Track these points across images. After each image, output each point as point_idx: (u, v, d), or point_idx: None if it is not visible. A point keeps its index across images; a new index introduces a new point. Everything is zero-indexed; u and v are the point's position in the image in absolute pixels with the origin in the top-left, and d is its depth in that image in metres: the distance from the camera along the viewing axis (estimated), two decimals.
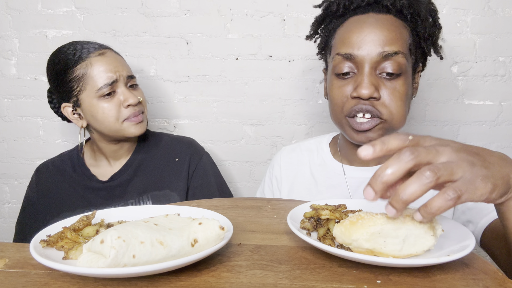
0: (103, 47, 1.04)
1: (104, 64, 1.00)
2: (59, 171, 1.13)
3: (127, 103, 1.02)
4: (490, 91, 1.30)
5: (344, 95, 0.80)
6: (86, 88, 1.00)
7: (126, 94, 1.02)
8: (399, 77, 0.77)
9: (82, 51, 1.01)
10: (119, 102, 1.02)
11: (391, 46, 0.75)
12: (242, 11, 1.30)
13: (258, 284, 0.47)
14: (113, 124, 1.02)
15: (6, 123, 1.43)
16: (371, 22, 0.78)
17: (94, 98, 1.00)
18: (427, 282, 0.48)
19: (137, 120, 1.04)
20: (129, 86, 1.05)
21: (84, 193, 1.10)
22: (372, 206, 0.70)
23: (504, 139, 1.33)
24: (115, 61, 1.03)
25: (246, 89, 1.35)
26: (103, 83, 0.99)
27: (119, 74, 1.02)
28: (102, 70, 1.00)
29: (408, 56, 0.78)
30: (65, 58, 1.00)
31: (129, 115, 1.03)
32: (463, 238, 0.55)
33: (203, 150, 1.20)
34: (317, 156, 0.98)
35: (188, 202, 0.81)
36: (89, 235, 0.56)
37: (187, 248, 0.49)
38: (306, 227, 0.61)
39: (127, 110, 1.03)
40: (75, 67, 0.99)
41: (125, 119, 1.03)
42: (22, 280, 0.48)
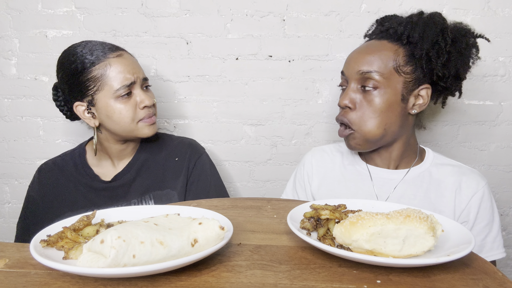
0: (119, 49, 1.05)
1: (123, 65, 1.02)
2: (62, 171, 1.13)
3: (143, 105, 1.04)
4: (490, 91, 1.30)
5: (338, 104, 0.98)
6: (103, 88, 1.01)
7: (142, 96, 1.04)
8: (374, 90, 0.91)
9: (100, 51, 1.02)
10: (135, 103, 1.04)
11: (367, 66, 0.91)
12: (242, 11, 1.30)
13: (258, 284, 0.47)
14: (128, 124, 1.04)
15: (6, 123, 1.43)
16: (364, 46, 0.97)
17: (111, 98, 1.01)
18: (427, 282, 0.48)
19: (151, 121, 1.07)
20: (144, 88, 1.07)
21: (86, 193, 1.10)
22: (372, 206, 0.70)
23: (504, 139, 1.33)
24: (132, 63, 1.04)
25: (246, 89, 1.35)
26: (121, 85, 1.01)
27: (136, 76, 1.03)
28: (121, 71, 1.01)
29: (389, 75, 0.91)
30: (82, 57, 1.01)
31: (144, 116, 1.05)
32: (463, 238, 0.55)
33: (203, 150, 1.21)
34: (346, 157, 1.09)
35: (188, 202, 0.81)
36: (89, 235, 0.56)
37: (187, 248, 0.49)
38: (306, 227, 0.61)
39: (142, 111, 1.05)
40: (93, 67, 1.00)
41: (140, 119, 1.05)
42: (22, 280, 0.48)
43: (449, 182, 0.95)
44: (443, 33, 0.91)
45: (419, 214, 0.51)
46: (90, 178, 1.11)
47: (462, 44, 0.92)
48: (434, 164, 1.00)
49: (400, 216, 0.50)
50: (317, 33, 1.29)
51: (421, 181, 0.97)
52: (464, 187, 0.94)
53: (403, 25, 0.93)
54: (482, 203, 0.92)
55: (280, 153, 1.39)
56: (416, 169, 1.00)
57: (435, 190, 0.95)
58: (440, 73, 0.92)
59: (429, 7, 0.93)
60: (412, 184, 0.97)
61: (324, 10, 1.28)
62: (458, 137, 1.34)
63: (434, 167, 0.99)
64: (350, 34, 1.29)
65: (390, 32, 0.95)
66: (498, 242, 0.93)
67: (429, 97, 0.94)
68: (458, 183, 0.94)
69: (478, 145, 1.34)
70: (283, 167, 1.40)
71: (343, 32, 1.29)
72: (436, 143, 1.35)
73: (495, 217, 0.94)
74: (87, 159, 1.15)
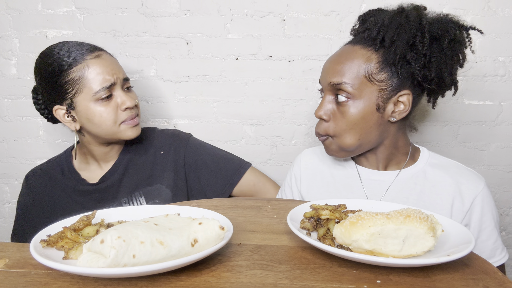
0: (97, 49, 1.02)
1: (101, 66, 0.98)
2: (49, 177, 1.12)
3: (125, 106, 1.01)
4: (490, 91, 1.30)
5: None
6: (82, 91, 0.98)
7: (123, 97, 1.01)
8: (346, 102, 0.87)
9: (77, 53, 0.98)
10: (116, 105, 1.01)
11: (337, 77, 0.87)
12: (242, 11, 1.30)
13: (258, 284, 0.47)
14: (110, 127, 1.01)
15: (6, 123, 1.43)
16: (336, 54, 0.92)
17: (90, 101, 0.98)
18: (427, 282, 0.48)
19: (133, 122, 1.04)
20: (125, 89, 1.04)
21: (76, 197, 1.09)
22: (372, 206, 0.70)
23: (504, 139, 1.33)
24: (112, 63, 1.01)
25: (246, 89, 1.35)
26: (101, 86, 0.97)
27: (116, 77, 1.00)
28: (99, 72, 0.97)
29: (360, 84, 0.86)
30: (59, 59, 0.97)
31: (127, 118, 1.02)
32: (463, 238, 0.55)
33: (189, 135, 1.21)
34: (335, 159, 1.05)
35: (188, 202, 0.81)
36: (89, 235, 0.56)
37: (187, 248, 0.49)
38: (306, 227, 0.61)
39: (124, 113, 1.02)
40: (70, 70, 0.97)
41: (122, 121, 1.02)
42: (22, 280, 0.48)
43: (445, 184, 0.91)
44: (420, 33, 0.83)
45: (419, 214, 0.51)
46: (78, 182, 1.10)
47: (443, 42, 0.84)
48: (429, 164, 0.95)
49: (400, 216, 0.50)
50: (317, 33, 1.29)
51: (414, 183, 0.93)
52: (464, 190, 0.89)
53: (378, 27, 0.86)
54: (485, 205, 0.88)
55: (280, 153, 1.39)
56: (408, 170, 0.95)
57: (429, 193, 0.91)
58: (419, 77, 0.84)
59: (429, 7, 0.92)
60: (404, 186, 0.93)
61: (324, 10, 1.28)
62: (458, 137, 1.34)
63: (429, 167, 0.95)
64: (350, 34, 1.29)
65: (364, 36, 0.89)
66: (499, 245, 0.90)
67: (410, 102, 0.87)
68: (457, 186, 0.90)
69: (478, 145, 1.34)
70: (283, 167, 1.40)
71: (343, 32, 1.29)
72: (436, 143, 1.35)
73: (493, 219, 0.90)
74: (74, 163, 1.13)
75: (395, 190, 0.93)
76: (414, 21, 0.84)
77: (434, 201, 0.90)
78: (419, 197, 0.91)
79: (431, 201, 0.90)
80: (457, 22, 0.87)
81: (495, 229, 0.89)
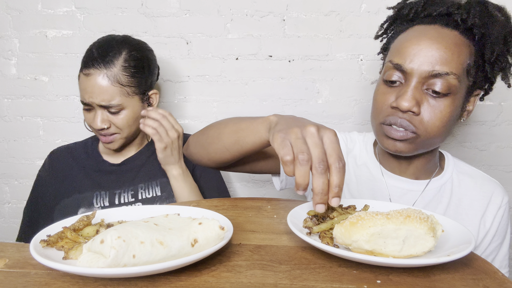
0: (94, 66, 1.00)
1: (83, 85, 1.03)
2: (72, 155, 1.17)
3: (93, 126, 1.06)
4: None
5: (386, 103, 0.79)
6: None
7: (95, 117, 1.04)
8: (446, 96, 0.75)
9: (86, 58, 1.04)
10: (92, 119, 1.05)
11: (443, 66, 0.73)
12: (242, 11, 1.30)
13: (258, 284, 0.47)
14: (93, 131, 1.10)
15: (6, 123, 1.43)
16: (431, 35, 0.75)
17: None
18: (427, 282, 0.48)
19: (104, 140, 1.07)
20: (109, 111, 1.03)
21: (95, 176, 1.13)
22: (372, 206, 0.70)
23: (504, 139, 1.33)
24: (94, 87, 1.00)
25: (246, 89, 1.35)
26: (80, 99, 1.05)
27: (92, 101, 1.02)
28: (82, 88, 1.03)
29: (462, 78, 0.75)
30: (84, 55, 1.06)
31: (99, 134, 1.07)
32: (463, 238, 0.55)
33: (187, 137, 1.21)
34: (360, 154, 0.95)
35: (188, 202, 0.81)
36: (89, 235, 0.56)
37: (187, 248, 0.49)
38: (309, 225, 0.61)
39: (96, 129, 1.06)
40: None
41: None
42: (22, 280, 0.48)
43: (473, 199, 0.86)
44: (509, 34, 0.77)
45: (420, 214, 0.51)
46: (99, 163, 1.15)
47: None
48: (456, 172, 0.89)
49: (400, 216, 0.50)
50: (317, 33, 1.29)
51: (441, 196, 0.86)
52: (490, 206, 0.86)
53: (475, 17, 0.74)
54: (502, 221, 0.86)
55: None
56: (436, 181, 0.88)
57: (455, 207, 0.86)
58: (494, 79, 0.80)
59: None
60: (433, 199, 0.86)
61: (324, 10, 1.28)
62: (458, 137, 1.34)
63: (455, 176, 0.89)
64: (350, 34, 1.29)
65: (457, 20, 0.75)
66: (506, 262, 0.88)
67: (475, 103, 0.82)
68: (486, 204, 0.85)
69: (478, 145, 1.34)
70: None
71: (343, 32, 1.29)
72: None
73: (507, 236, 0.88)
74: (99, 147, 1.18)
75: (423, 202, 0.87)
76: (508, 19, 0.78)
77: (459, 216, 0.85)
78: (445, 212, 0.86)
79: (457, 216, 0.85)
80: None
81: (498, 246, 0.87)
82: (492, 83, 0.83)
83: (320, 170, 0.53)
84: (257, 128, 0.70)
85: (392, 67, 0.78)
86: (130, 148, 1.16)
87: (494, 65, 0.78)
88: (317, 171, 0.53)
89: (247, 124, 0.73)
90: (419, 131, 0.76)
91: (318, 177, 0.53)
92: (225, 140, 0.78)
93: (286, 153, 0.55)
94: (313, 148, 0.55)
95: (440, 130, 0.77)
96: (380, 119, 0.80)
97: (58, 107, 1.40)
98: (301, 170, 0.54)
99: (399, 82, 0.78)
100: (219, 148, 0.79)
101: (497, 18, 0.76)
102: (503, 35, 0.76)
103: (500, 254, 0.87)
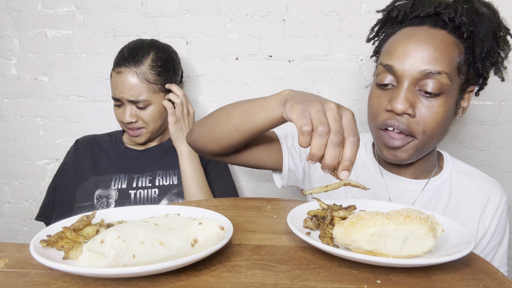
0: (125, 65, 1.10)
1: (115, 81, 1.12)
2: (97, 142, 1.24)
3: (121, 120, 1.15)
4: (490, 91, 1.30)
5: (381, 107, 0.80)
6: None
7: (124, 112, 1.13)
8: (438, 96, 0.75)
9: (117, 58, 1.13)
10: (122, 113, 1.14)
11: (434, 65, 0.74)
12: (242, 11, 1.30)
13: (258, 284, 0.47)
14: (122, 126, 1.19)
15: (6, 123, 1.43)
16: (420, 36, 0.76)
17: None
18: (427, 282, 0.48)
19: (132, 133, 1.16)
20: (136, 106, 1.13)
21: (116, 159, 1.20)
22: (372, 206, 0.70)
23: (504, 139, 1.33)
24: (124, 83, 1.10)
25: (246, 89, 1.35)
26: (112, 95, 1.15)
27: (122, 97, 1.11)
28: (113, 85, 1.13)
29: (453, 76, 0.76)
30: (117, 56, 1.15)
31: (127, 127, 1.16)
32: (463, 238, 0.55)
33: None
34: (359, 156, 0.95)
35: (188, 202, 0.81)
36: (89, 235, 0.56)
37: (187, 248, 0.49)
38: (309, 226, 0.61)
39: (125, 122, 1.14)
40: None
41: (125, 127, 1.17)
42: (22, 280, 0.48)
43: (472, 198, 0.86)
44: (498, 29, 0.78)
45: (420, 214, 0.51)
46: (122, 149, 1.23)
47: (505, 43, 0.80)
48: (455, 172, 0.90)
49: (400, 216, 0.50)
50: (317, 33, 1.29)
51: (440, 195, 0.87)
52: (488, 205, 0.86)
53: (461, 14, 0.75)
54: (501, 220, 0.86)
55: None
56: (435, 180, 0.88)
57: (454, 206, 0.86)
58: (487, 75, 0.80)
59: None
60: (432, 198, 0.87)
61: (324, 10, 1.28)
62: (458, 137, 1.34)
63: (454, 175, 0.89)
64: (350, 34, 1.29)
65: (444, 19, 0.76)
66: (505, 261, 0.88)
67: (470, 99, 0.82)
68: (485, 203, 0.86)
69: (478, 145, 1.34)
70: None
71: (343, 32, 1.29)
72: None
73: (506, 235, 0.88)
74: (123, 138, 1.26)
75: (422, 202, 0.87)
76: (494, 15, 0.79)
77: (458, 215, 0.86)
78: (443, 212, 0.86)
79: (456, 215, 0.86)
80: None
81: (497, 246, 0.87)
82: (485, 78, 0.83)
83: (335, 141, 0.55)
84: (269, 103, 0.70)
85: (383, 70, 0.79)
86: (152, 142, 1.24)
87: (486, 61, 0.79)
88: (331, 142, 0.55)
89: (259, 101, 0.73)
90: (416, 134, 0.77)
91: (332, 148, 0.55)
92: (234, 119, 0.77)
93: (305, 123, 0.56)
94: (332, 121, 0.56)
95: (436, 130, 0.77)
96: (377, 124, 0.81)
97: (58, 107, 1.40)
98: (319, 141, 0.55)
99: (391, 85, 0.79)
100: (228, 128, 0.78)
101: (484, 15, 0.77)
102: (492, 31, 0.77)
103: (499, 253, 0.87)
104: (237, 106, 0.78)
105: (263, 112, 0.71)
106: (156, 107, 1.14)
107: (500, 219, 0.86)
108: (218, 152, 0.86)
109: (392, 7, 0.85)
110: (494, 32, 0.78)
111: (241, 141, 0.80)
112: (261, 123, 0.72)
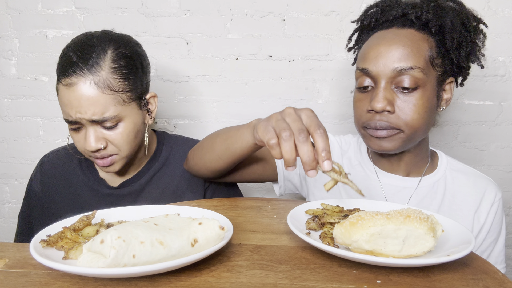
0: (76, 73, 0.80)
1: (65, 99, 0.81)
2: (66, 166, 1.01)
3: (85, 148, 0.85)
4: (490, 91, 1.30)
5: (363, 109, 0.84)
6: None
7: (86, 138, 0.84)
8: (415, 90, 0.79)
9: (62, 65, 0.82)
10: (84, 139, 0.85)
11: (406, 61, 0.78)
12: (242, 11, 1.30)
13: (258, 284, 0.47)
14: (86, 155, 0.89)
15: (6, 123, 1.43)
16: (389, 38, 0.81)
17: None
18: (427, 282, 0.48)
19: (102, 163, 0.87)
20: (103, 126, 0.84)
21: (90, 197, 0.98)
22: (372, 206, 0.70)
23: (504, 139, 1.33)
24: (81, 99, 0.80)
25: (246, 89, 1.35)
26: (64, 117, 0.85)
27: (80, 118, 0.81)
28: (64, 103, 0.82)
29: (427, 70, 0.79)
30: (59, 62, 0.85)
31: (94, 157, 0.87)
32: (463, 238, 0.55)
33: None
34: (355, 154, 0.98)
35: (188, 202, 0.81)
36: (89, 235, 0.56)
37: (187, 248, 0.49)
38: (312, 227, 0.61)
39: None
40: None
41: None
42: (22, 280, 0.48)
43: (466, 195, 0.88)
44: (467, 20, 0.82)
45: (420, 214, 0.51)
46: (95, 181, 0.99)
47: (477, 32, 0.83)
48: (449, 170, 0.91)
49: (400, 216, 0.50)
50: (317, 33, 1.30)
51: (435, 192, 0.89)
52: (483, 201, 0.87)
53: (427, 11, 0.80)
54: (496, 216, 0.87)
55: None
56: (430, 178, 0.90)
57: (449, 203, 0.88)
58: (464, 64, 0.83)
59: None
60: (426, 195, 0.89)
61: (324, 10, 1.28)
62: (458, 137, 1.34)
63: (449, 173, 0.91)
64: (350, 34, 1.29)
65: (412, 19, 0.81)
66: (502, 258, 0.88)
67: (452, 90, 0.85)
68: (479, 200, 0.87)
69: (478, 145, 1.34)
70: None
71: (343, 32, 1.29)
72: (436, 143, 1.35)
73: (502, 232, 0.89)
74: (95, 164, 1.00)
75: (417, 199, 0.89)
76: (462, 6, 0.83)
77: (453, 213, 0.87)
78: (438, 209, 0.88)
79: (451, 213, 0.87)
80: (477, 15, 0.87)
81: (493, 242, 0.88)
82: (465, 68, 0.86)
83: (301, 139, 0.56)
84: (243, 134, 0.75)
85: (360, 74, 0.84)
86: (131, 166, 0.99)
87: (460, 51, 0.82)
88: (299, 141, 0.56)
89: (234, 131, 0.78)
90: (400, 127, 0.80)
91: (301, 146, 0.56)
92: (217, 149, 0.82)
93: (270, 137, 0.59)
94: (292, 123, 0.59)
95: (419, 121, 0.80)
96: (361, 124, 0.85)
97: (58, 107, 1.40)
98: (286, 146, 0.57)
99: (370, 86, 0.83)
100: (213, 157, 0.84)
101: (450, 8, 0.82)
102: (461, 22, 0.81)
103: (496, 250, 0.88)
104: (218, 136, 0.84)
105: (238, 142, 0.76)
106: (129, 123, 0.85)
107: (495, 215, 0.87)
108: (213, 176, 0.92)
109: (364, 15, 0.90)
110: (464, 23, 0.81)
111: (228, 166, 0.85)
112: (239, 151, 0.78)
